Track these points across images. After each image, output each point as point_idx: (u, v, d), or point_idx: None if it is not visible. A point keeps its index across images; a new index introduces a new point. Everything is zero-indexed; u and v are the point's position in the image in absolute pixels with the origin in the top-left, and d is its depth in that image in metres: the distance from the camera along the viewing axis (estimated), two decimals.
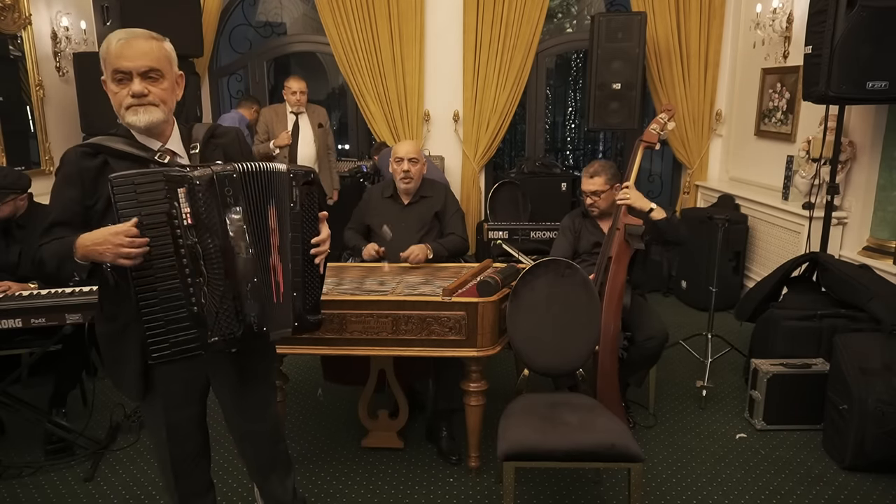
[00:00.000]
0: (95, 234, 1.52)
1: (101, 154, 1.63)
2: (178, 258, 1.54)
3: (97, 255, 1.52)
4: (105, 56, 1.61)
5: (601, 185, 3.04)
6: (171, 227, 1.53)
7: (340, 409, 3.27)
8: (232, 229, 1.58)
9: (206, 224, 1.55)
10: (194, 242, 1.54)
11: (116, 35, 1.62)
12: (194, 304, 1.56)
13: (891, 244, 3.62)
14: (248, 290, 1.61)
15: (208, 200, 1.55)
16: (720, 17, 5.19)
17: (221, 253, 1.57)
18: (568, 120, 8.30)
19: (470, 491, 2.61)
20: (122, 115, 1.63)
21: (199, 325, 1.58)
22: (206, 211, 1.55)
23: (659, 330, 2.90)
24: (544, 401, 2.38)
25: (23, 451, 2.86)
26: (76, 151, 1.65)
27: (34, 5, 4.37)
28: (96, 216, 1.63)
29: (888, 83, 3.04)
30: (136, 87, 1.60)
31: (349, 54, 5.24)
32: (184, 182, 1.52)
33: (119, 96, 1.62)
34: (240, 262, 1.60)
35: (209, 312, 1.57)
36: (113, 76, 1.60)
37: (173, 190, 1.52)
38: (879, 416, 2.59)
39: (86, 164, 1.63)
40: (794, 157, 4.22)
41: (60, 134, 4.62)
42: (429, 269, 2.99)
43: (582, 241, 3.13)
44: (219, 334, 1.60)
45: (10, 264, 2.91)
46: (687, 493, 2.59)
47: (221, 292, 1.58)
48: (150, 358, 1.57)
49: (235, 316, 1.60)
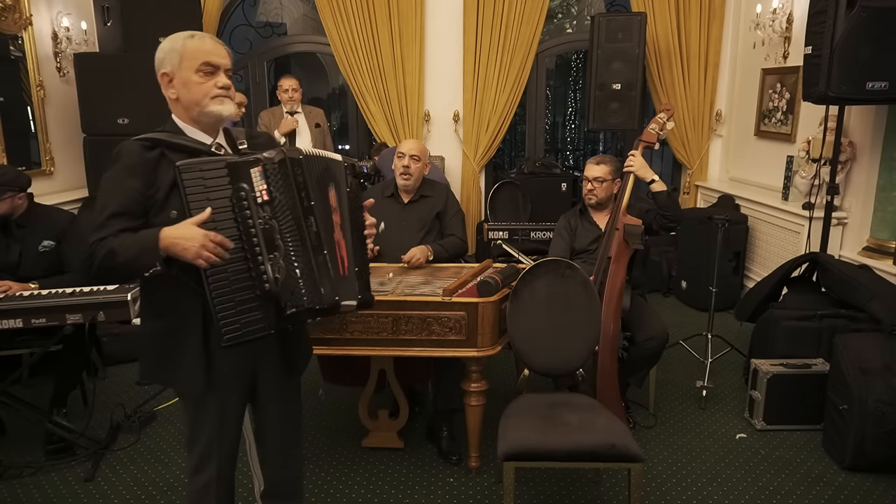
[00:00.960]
0: (183, 229, 1.56)
1: (157, 147, 1.68)
2: (247, 238, 1.62)
3: (180, 250, 1.55)
4: (186, 50, 1.69)
5: (605, 173, 3.06)
6: (240, 209, 1.61)
7: (340, 409, 3.27)
8: (303, 204, 1.68)
9: (281, 200, 1.65)
10: (268, 218, 1.63)
11: (191, 33, 1.72)
12: (266, 280, 1.62)
13: (891, 244, 3.62)
14: (320, 261, 1.70)
15: (281, 178, 1.65)
16: (720, 17, 5.19)
17: (297, 226, 1.67)
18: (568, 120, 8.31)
19: (470, 491, 2.61)
20: (204, 105, 1.70)
21: (272, 301, 1.64)
22: (279, 188, 1.65)
23: (659, 330, 2.90)
24: (544, 401, 2.38)
25: (23, 451, 2.86)
26: (135, 144, 1.67)
27: (35, 6, 4.38)
28: (156, 206, 1.66)
29: (888, 83, 3.04)
30: (226, 80, 1.74)
31: (349, 54, 5.24)
32: (258, 162, 1.64)
33: (205, 87, 1.70)
34: (312, 235, 1.69)
35: (285, 286, 1.64)
36: (200, 67, 1.69)
37: (245, 170, 1.62)
38: (879, 416, 2.60)
39: (146, 155, 1.66)
40: (794, 158, 4.22)
41: (61, 134, 4.63)
42: (429, 269, 2.99)
43: (579, 238, 3.14)
44: (296, 305, 1.66)
45: (10, 264, 2.91)
46: (687, 493, 2.59)
47: (300, 263, 1.66)
48: (223, 341, 1.63)
49: (313, 285, 1.68)
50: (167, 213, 1.63)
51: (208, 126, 1.75)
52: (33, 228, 2.97)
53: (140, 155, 1.66)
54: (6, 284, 2.75)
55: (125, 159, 1.66)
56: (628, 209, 2.88)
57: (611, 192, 3.07)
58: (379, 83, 5.30)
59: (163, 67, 1.71)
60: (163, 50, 1.72)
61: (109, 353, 3.69)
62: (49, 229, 2.99)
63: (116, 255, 1.58)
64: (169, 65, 1.70)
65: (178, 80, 1.70)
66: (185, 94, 1.70)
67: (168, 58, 1.70)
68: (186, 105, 1.71)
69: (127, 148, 1.67)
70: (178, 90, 1.71)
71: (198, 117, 1.73)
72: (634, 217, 2.86)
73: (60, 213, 3.17)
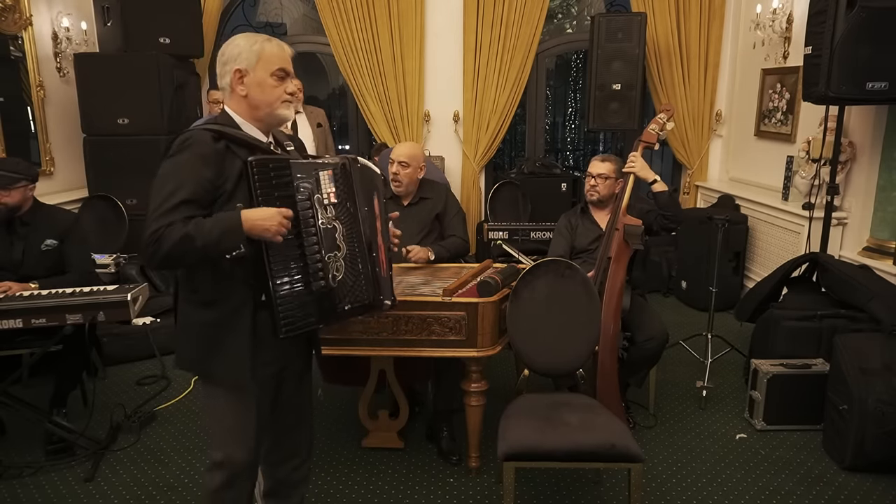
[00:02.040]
0: (260, 211, 1.65)
1: (223, 139, 1.70)
2: (307, 237, 1.73)
3: (261, 230, 1.63)
4: (265, 52, 1.75)
5: (609, 171, 3.07)
6: (306, 209, 1.72)
7: (340, 409, 3.27)
8: (359, 208, 1.82)
9: (344, 203, 1.80)
10: (331, 218, 1.77)
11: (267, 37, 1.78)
12: (322, 277, 1.75)
13: (891, 244, 3.62)
14: (371, 262, 1.85)
15: (343, 183, 1.80)
16: (720, 17, 5.19)
17: (354, 228, 1.81)
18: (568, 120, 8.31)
19: (470, 491, 2.61)
20: (275, 107, 1.78)
21: (328, 298, 1.77)
22: (343, 191, 1.80)
23: (659, 331, 2.90)
24: (544, 401, 2.38)
25: (23, 451, 2.86)
26: (206, 133, 1.69)
27: (35, 6, 4.38)
28: (224, 196, 1.69)
29: (888, 83, 3.04)
30: (293, 87, 1.83)
31: (349, 55, 5.24)
32: (329, 166, 1.78)
33: (278, 90, 1.78)
34: (365, 238, 1.83)
35: (343, 283, 1.79)
36: (276, 72, 1.76)
37: (315, 172, 1.75)
38: (879, 416, 2.60)
39: (217, 146, 1.69)
40: (793, 158, 4.22)
41: (61, 134, 4.63)
42: (429, 269, 2.99)
43: (579, 237, 3.14)
44: (351, 301, 1.82)
45: (13, 262, 2.91)
46: (687, 493, 2.59)
47: (360, 263, 1.82)
48: (281, 333, 1.72)
49: (366, 284, 1.84)
50: (233, 204, 1.68)
51: (268, 126, 1.82)
52: (37, 227, 2.98)
53: (212, 145, 1.68)
54: (6, 285, 2.75)
55: (198, 147, 1.67)
56: (629, 209, 2.88)
57: (613, 190, 3.07)
58: (379, 83, 5.30)
59: (237, 63, 1.74)
60: (238, 46, 1.75)
61: (109, 353, 3.69)
62: (52, 228, 3.00)
63: (194, 238, 1.60)
64: (245, 62, 1.74)
65: (252, 79, 1.74)
66: (258, 94, 1.75)
67: (245, 55, 1.74)
68: (255, 104, 1.76)
69: (198, 136, 1.68)
70: (249, 88, 1.75)
71: (264, 117, 1.79)
72: (635, 217, 2.86)
73: (64, 213, 3.18)
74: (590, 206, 3.19)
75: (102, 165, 4.44)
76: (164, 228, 1.60)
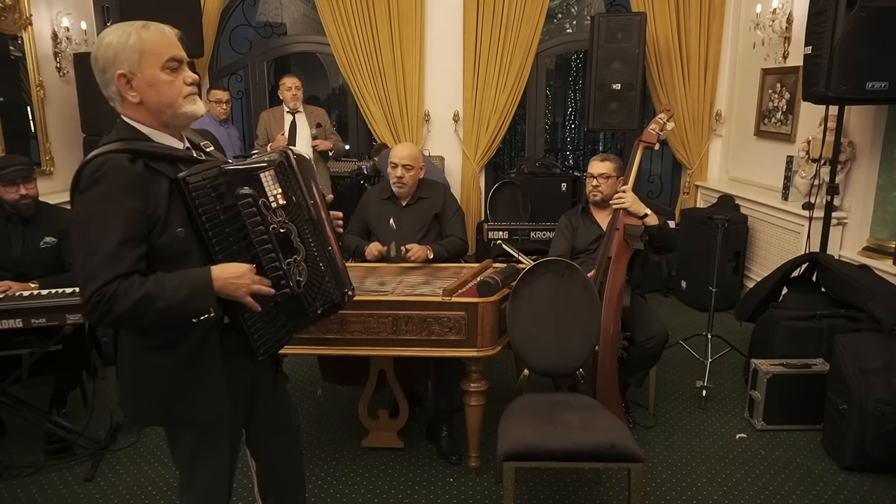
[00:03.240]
0: (231, 267, 1.49)
1: (139, 158, 1.47)
2: (260, 246, 1.54)
3: (233, 290, 1.47)
4: (145, 44, 1.48)
5: (610, 170, 3.07)
6: (252, 216, 1.52)
7: (340, 409, 3.27)
8: (308, 203, 1.61)
9: (294, 201, 1.58)
10: (283, 221, 1.56)
11: (143, 24, 1.52)
12: (285, 285, 1.57)
13: (890, 244, 3.62)
14: (331, 257, 1.66)
15: (287, 180, 1.57)
16: (720, 17, 5.19)
17: (312, 225, 1.61)
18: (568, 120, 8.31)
19: (470, 491, 2.61)
20: (178, 106, 1.52)
21: (296, 305, 1.61)
22: (289, 189, 1.57)
23: (658, 331, 2.90)
24: (544, 401, 2.38)
25: (23, 451, 2.86)
26: (120, 158, 1.44)
27: (35, 6, 4.38)
28: (159, 224, 1.47)
29: (888, 83, 3.04)
30: (193, 74, 1.56)
31: (349, 55, 5.24)
32: (269, 166, 1.54)
33: (177, 85, 1.52)
34: (320, 233, 1.63)
35: (309, 285, 1.61)
36: (167, 64, 1.50)
37: (255, 175, 1.52)
38: (879, 416, 2.60)
39: (137, 168, 1.45)
40: (793, 158, 4.22)
41: (61, 134, 4.63)
42: (429, 269, 2.99)
43: (580, 237, 3.14)
44: (321, 304, 1.64)
45: (12, 259, 2.92)
46: (687, 493, 2.59)
47: (321, 261, 1.63)
48: (260, 355, 1.59)
49: (334, 281, 1.65)
50: (172, 231, 1.47)
51: (177, 129, 1.58)
52: (38, 224, 3.00)
53: (130, 169, 1.44)
54: (6, 284, 2.75)
55: (116, 176, 1.42)
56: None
57: (616, 189, 3.06)
58: (379, 83, 5.30)
59: (117, 67, 1.47)
60: (110, 46, 1.47)
61: (109, 353, 3.68)
62: (52, 226, 3.02)
63: (155, 300, 1.40)
64: (126, 63, 1.46)
65: (142, 81, 1.48)
66: (154, 97, 1.50)
67: (122, 55, 1.46)
68: (155, 108, 1.51)
69: (114, 162, 1.42)
70: (141, 92, 1.49)
71: (169, 121, 1.54)
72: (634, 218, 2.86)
73: (65, 212, 3.19)
74: (591, 206, 3.19)
75: None
76: (116, 283, 1.38)
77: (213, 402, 1.59)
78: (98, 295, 1.38)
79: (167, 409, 1.59)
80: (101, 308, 1.39)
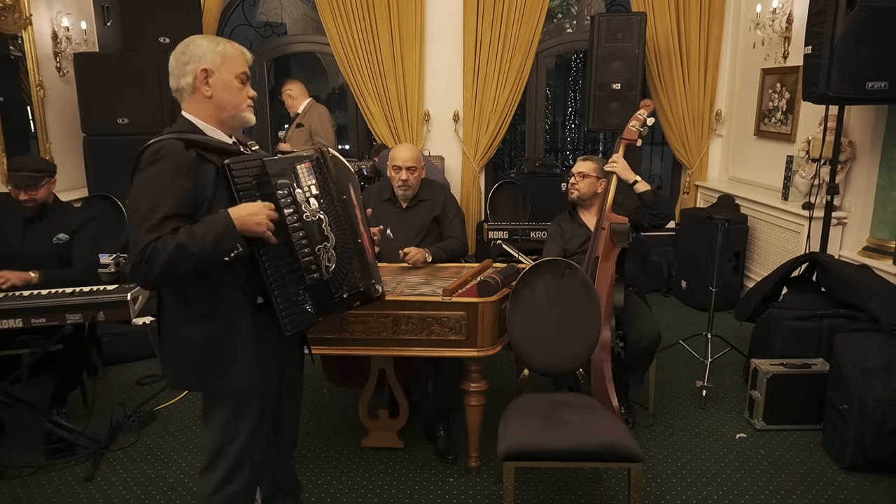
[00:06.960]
0: (246, 207, 1.64)
1: (192, 147, 1.68)
2: (294, 233, 1.71)
3: (253, 225, 1.62)
4: (229, 54, 1.74)
5: (589, 170, 3.11)
6: (288, 204, 1.70)
7: (340, 409, 3.27)
8: (340, 197, 1.82)
9: (328, 192, 1.79)
10: (315, 210, 1.75)
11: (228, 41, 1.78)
12: (315, 270, 1.74)
13: (890, 244, 3.62)
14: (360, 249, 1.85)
15: (322, 173, 1.79)
16: (720, 17, 5.19)
17: (339, 216, 1.81)
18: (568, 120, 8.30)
19: (470, 491, 2.61)
20: (241, 110, 1.78)
21: (324, 289, 1.77)
22: (323, 182, 1.79)
23: (650, 331, 2.89)
24: (544, 401, 2.38)
25: (23, 450, 2.86)
26: (178, 143, 1.65)
27: (35, 6, 4.37)
28: (206, 204, 1.67)
29: (888, 83, 3.04)
30: (254, 92, 1.82)
31: (349, 54, 5.24)
32: (305, 159, 1.77)
33: (244, 93, 1.78)
34: (351, 225, 1.83)
35: (337, 272, 1.78)
36: (240, 75, 1.77)
37: (292, 167, 1.74)
38: (879, 416, 2.60)
39: (190, 155, 1.66)
40: (793, 158, 4.22)
41: (61, 134, 4.62)
42: (429, 269, 2.99)
43: (570, 241, 3.16)
44: (347, 290, 1.81)
45: (24, 255, 2.93)
46: (687, 493, 2.59)
47: (349, 250, 1.82)
48: (287, 331, 1.72)
49: (361, 269, 1.84)
50: (215, 211, 1.65)
51: (231, 129, 1.80)
52: (52, 221, 3.02)
53: (186, 155, 1.65)
54: (4, 276, 2.75)
55: (172, 158, 1.63)
56: (616, 207, 2.92)
57: (594, 189, 3.11)
58: (379, 83, 5.29)
59: (203, 63, 1.71)
60: (201, 46, 1.72)
61: (109, 353, 3.69)
62: (64, 225, 3.04)
63: (188, 247, 1.56)
64: (211, 63, 1.71)
65: (218, 80, 1.72)
66: (224, 96, 1.74)
67: (210, 56, 1.71)
68: (221, 105, 1.74)
69: (171, 147, 1.64)
70: (215, 89, 1.72)
71: (228, 120, 1.77)
72: (622, 215, 2.89)
73: (79, 211, 3.25)
74: (577, 208, 3.20)
75: (102, 165, 4.45)
76: (152, 244, 1.55)
77: (244, 375, 1.74)
78: (139, 255, 1.55)
79: (204, 378, 1.75)
80: (143, 267, 1.56)
